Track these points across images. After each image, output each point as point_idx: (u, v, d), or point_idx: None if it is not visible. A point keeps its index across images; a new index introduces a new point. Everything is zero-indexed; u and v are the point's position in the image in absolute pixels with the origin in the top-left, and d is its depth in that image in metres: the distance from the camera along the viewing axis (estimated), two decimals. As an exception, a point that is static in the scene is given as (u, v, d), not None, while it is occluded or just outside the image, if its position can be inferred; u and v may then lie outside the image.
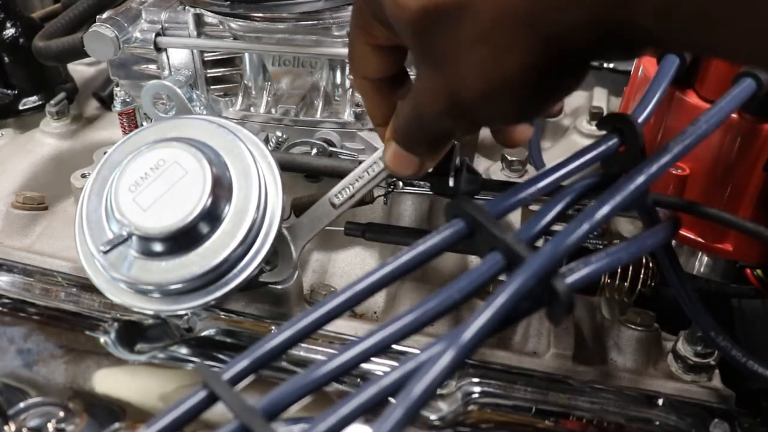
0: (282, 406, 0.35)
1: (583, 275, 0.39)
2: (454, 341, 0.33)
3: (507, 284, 0.35)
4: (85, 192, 0.58)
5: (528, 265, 0.36)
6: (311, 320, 0.38)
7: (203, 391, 0.36)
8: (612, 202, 0.41)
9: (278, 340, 0.37)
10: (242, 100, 0.81)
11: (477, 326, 0.34)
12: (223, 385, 0.36)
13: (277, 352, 0.37)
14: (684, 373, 0.66)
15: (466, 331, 0.34)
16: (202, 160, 0.54)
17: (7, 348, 0.64)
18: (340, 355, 0.36)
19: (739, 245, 0.66)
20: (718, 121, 0.50)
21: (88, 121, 0.94)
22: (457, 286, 0.37)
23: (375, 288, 0.39)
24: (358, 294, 0.39)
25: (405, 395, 0.32)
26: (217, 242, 0.54)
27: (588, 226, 0.39)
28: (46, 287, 0.72)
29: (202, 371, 0.36)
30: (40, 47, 0.83)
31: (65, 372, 0.62)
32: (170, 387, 0.62)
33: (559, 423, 0.61)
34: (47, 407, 0.59)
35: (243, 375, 0.37)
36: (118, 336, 0.66)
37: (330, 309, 0.38)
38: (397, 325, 0.36)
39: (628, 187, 0.42)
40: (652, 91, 0.54)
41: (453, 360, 0.33)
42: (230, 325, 0.67)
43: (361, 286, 0.39)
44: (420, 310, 0.37)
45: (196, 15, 0.74)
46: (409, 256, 0.40)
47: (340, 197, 0.62)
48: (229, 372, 0.37)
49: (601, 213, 0.40)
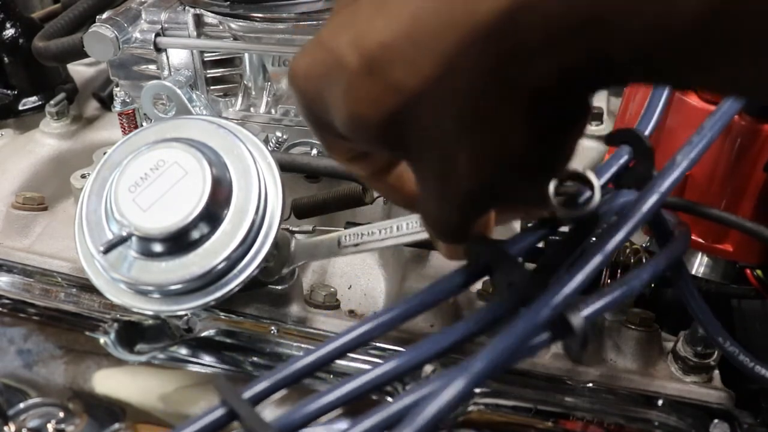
0: (300, 425, 0.35)
1: (597, 308, 0.39)
2: (463, 372, 0.34)
3: (521, 320, 0.35)
4: (84, 192, 0.58)
5: (543, 301, 0.36)
6: (335, 347, 0.39)
7: (222, 408, 0.37)
8: (626, 228, 0.40)
9: (302, 364, 0.38)
10: (242, 100, 0.81)
11: (488, 359, 0.34)
12: (243, 403, 0.36)
13: (300, 375, 0.38)
14: (684, 374, 0.66)
15: (478, 364, 0.34)
16: (201, 160, 0.54)
17: (7, 348, 0.64)
18: (365, 375, 0.36)
19: (739, 246, 0.66)
20: (722, 126, 0.50)
21: (88, 122, 0.94)
22: (474, 319, 0.38)
23: (401, 319, 0.40)
24: (384, 324, 0.40)
25: (411, 419, 0.32)
26: (217, 243, 0.54)
27: (603, 257, 0.39)
28: (45, 288, 0.72)
29: (222, 388, 0.37)
30: (40, 47, 0.83)
31: (65, 372, 0.62)
32: (170, 387, 0.62)
33: (559, 423, 0.61)
34: (47, 408, 0.59)
35: (263, 395, 0.38)
36: (117, 336, 0.66)
37: (354, 337, 0.39)
38: (414, 353, 0.37)
39: (642, 210, 0.42)
40: (656, 100, 0.54)
41: (461, 390, 0.33)
42: (230, 325, 0.67)
43: (387, 317, 0.40)
44: (438, 340, 0.37)
45: (196, 15, 0.74)
46: (438, 289, 0.41)
47: (347, 240, 0.62)
48: (250, 391, 0.37)
49: (617, 239, 0.40)
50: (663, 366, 0.68)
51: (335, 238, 0.62)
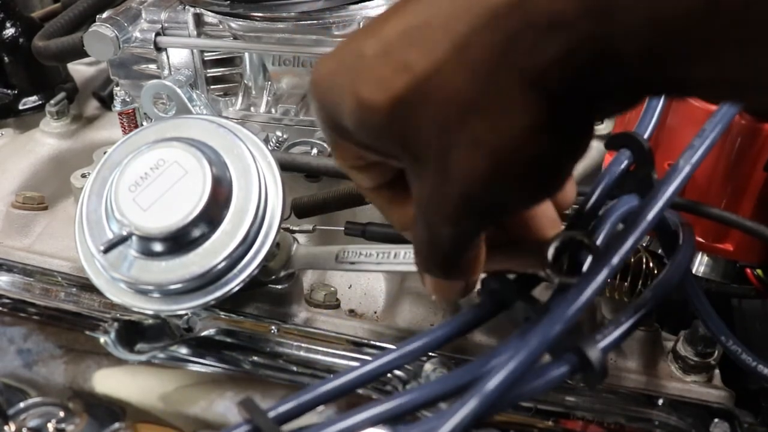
0: None
1: (614, 338, 0.40)
2: (474, 395, 0.34)
3: (528, 346, 0.36)
4: (85, 192, 0.58)
5: (549, 322, 0.36)
6: (361, 374, 0.40)
7: (246, 426, 0.37)
8: (632, 238, 0.41)
9: (328, 388, 0.40)
10: (242, 99, 0.81)
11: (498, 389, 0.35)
12: (269, 423, 0.37)
13: (325, 399, 0.40)
14: (684, 373, 0.66)
15: (490, 386, 0.35)
16: (202, 160, 0.54)
17: (7, 348, 0.64)
18: (394, 399, 0.37)
19: (739, 245, 0.66)
20: (723, 127, 0.50)
21: (88, 121, 0.94)
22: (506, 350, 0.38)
23: (424, 350, 0.42)
24: (407, 354, 0.41)
25: None
26: (217, 242, 0.54)
27: (608, 271, 0.39)
28: (46, 287, 0.72)
29: (249, 408, 0.37)
30: (40, 47, 0.83)
31: (65, 372, 0.62)
32: (170, 387, 0.62)
33: (559, 423, 0.61)
34: (47, 407, 0.59)
35: (289, 416, 0.38)
36: (118, 336, 0.66)
37: (380, 365, 0.41)
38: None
39: (647, 218, 0.42)
40: (654, 102, 0.54)
41: (473, 412, 0.34)
42: (230, 325, 0.67)
43: (412, 347, 0.41)
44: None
45: (196, 15, 0.74)
46: (451, 327, 0.43)
47: (344, 257, 0.62)
48: (276, 411, 0.38)
49: (622, 253, 0.40)
50: (663, 365, 0.68)
51: (333, 252, 0.62)
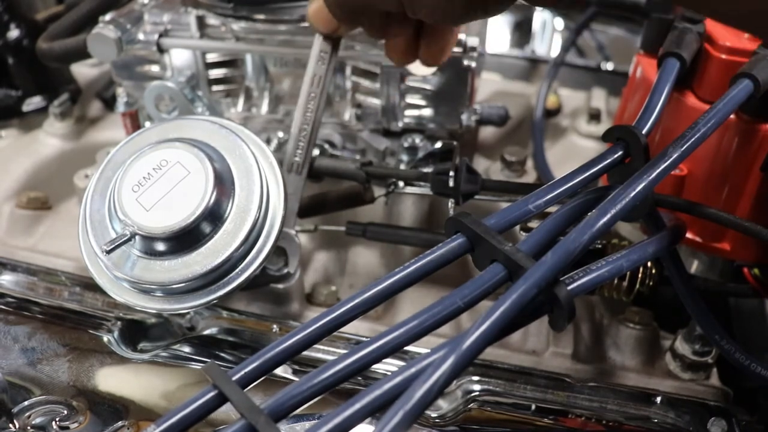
0: (289, 408, 0.36)
1: (584, 282, 0.39)
2: (457, 347, 0.34)
3: (510, 293, 0.36)
4: (88, 192, 0.58)
5: (529, 273, 0.37)
6: (320, 325, 0.39)
7: (212, 391, 0.37)
8: (613, 210, 0.41)
9: (288, 344, 0.39)
10: (244, 101, 0.81)
11: (479, 332, 0.35)
12: (232, 385, 0.37)
13: (286, 355, 0.39)
14: (682, 371, 0.67)
15: (469, 338, 0.34)
16: (204, 160, 0.55)
17: (11, 347, 0.64)
18: (347, 358, 0.37)
19: (736, 244, 0.66)
20: (716, 123, 0.50)
21: (91, 122, 0.95)
22: (460, 293, 0.38)
23: (382, 297, 0.41)
24: (366, 301, 0.40)
25: (406, 399, 0.32)
26: (220, 242, 0.54)
27: (589, 236, 0.39)
28: (49, 286, 0.73)
29: (211, 372, 0.37)
30: (44, 49, 0.84)
31: (69, 370, 0.62)
32: (173, 385, 0.63)
33: (558, 421, 0.61)
34: (51, 405, 0.60)
35: (252, 377, 0.38)
36: (121, 335, 0.67)
37: (338, 315, 0.40)
38: (402, 329, 0.37)
39: (629, 194, 0.42)
40: (655, 100, 0.54)
41: (454, 365, 0.34)
42: (232, 324, 0.68)
43: (368, 294, 0.40)
44: (424, 316, 0.38)
45: (199, 17, 0.75)
46: (413, 268, 0.41)
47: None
48: (239, 373, 0.38)
49: (602, 221, 0.40)
50: (661, 364, 0.68)
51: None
